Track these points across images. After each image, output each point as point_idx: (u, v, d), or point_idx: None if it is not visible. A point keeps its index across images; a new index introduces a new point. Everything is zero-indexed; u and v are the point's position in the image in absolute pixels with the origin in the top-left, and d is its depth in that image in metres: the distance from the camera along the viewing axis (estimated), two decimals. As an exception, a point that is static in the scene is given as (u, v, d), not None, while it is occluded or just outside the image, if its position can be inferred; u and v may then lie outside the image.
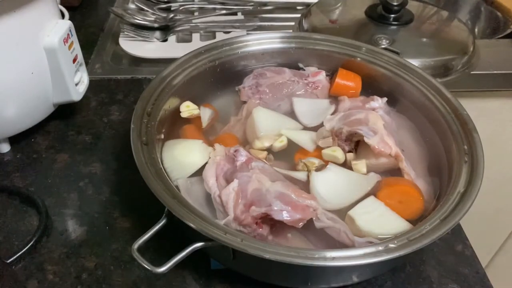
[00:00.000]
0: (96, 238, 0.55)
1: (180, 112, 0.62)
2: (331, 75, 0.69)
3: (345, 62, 0.68)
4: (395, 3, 0.83)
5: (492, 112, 0.91)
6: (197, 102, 0.64)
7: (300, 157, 0.58)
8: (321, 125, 0.61)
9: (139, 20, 0.87)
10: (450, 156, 0.54)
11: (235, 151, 0.55)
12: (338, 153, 0.57)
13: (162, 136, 0.58)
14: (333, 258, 0.42)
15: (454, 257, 0.55)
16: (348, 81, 0.67)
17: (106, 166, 0.64)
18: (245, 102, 0.66)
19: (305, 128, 0.63)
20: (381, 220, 0.50)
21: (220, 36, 0.88)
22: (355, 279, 0.50)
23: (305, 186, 0.54)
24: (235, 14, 0.96)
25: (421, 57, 0.79)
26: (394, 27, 0.85)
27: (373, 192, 0.53)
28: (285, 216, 0.48)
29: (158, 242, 0.49)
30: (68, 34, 0.62)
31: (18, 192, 0.60)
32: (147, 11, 0.90)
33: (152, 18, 0.88)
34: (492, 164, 0.61)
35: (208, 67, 0.65)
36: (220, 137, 0.61)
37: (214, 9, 0.96)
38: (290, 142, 0.60)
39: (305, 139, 0.60)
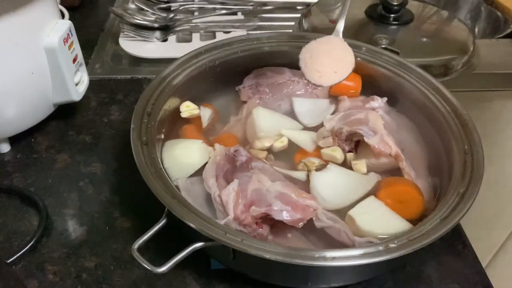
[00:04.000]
0: (96, 238, 0.55)
1: (180, 112, 0.62)
2: (331, 75, 0.68)
3: (345, 62, 0.67)
4: (395, 3, 0.83)
5: (492, 112, 0.91)
6: (197, 102, 0.64)
7: (300, 157, 0.58)
8: (321, 125, 0.61)
9: (139, 20, 0.87)
10: (450, 156, 0.54)
11: (235, 151, 0.55)
12: (337, 153, 0.57)
13: (162, 136, 0.58)
14: (333, 258, 0.42)
15: (454, 257, 0.55)
16: (348, 81, 0.66)
17: (106, 166, 0.64)
18: (245, 102, 0.66)
19: (305, 128, 0.63)
20: (381, 220, 0.50)
21: (220, 36, 0.88)
22: (355, 279, 0.50)
23: (305, 186, 0.54)
24: (235, 14, 0.96)
25: (421, 57, 0.79)
26: (394, 27, 0.85)
27: (373, 192, 0.53)
28: (285, 216, 0.48)
29: (158, 242, 0.48)
30: (68, 34, 0.62)
31: (18, 192, 0.60)
32: (147, 11, 0.90)
33: (152, 18, 0.88)
34: (492, 164, 0.61)
35: (208, 67, 0.65)
36: (220, 137, 0.61)
37: (214, 9, 0.96)
38: (290, 142, 0.60)
39: (305, 139, 0.60)
